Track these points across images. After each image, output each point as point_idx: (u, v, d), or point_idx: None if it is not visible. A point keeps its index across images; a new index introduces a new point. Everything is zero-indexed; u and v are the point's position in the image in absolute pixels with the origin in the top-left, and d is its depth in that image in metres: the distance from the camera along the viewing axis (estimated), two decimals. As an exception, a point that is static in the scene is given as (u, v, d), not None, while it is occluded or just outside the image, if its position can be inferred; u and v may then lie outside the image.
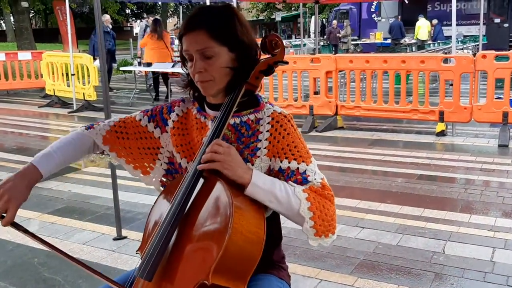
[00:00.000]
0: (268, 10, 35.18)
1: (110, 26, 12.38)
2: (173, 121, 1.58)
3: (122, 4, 23.64)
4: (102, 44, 3.55)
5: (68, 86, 10.47)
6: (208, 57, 1.40)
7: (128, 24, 49.54)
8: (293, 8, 31.29)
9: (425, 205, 4.10)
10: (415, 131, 7.04)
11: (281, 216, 1.53)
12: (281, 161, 1.44)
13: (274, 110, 1.48)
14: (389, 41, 18.98)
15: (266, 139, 1.45)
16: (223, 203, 1.29)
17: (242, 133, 1.46)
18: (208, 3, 7.86)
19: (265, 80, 7.75)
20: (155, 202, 1.57)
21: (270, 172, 1.47)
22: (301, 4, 11.77)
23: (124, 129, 1.62)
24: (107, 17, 12.49)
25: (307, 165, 1.43)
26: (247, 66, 1.44)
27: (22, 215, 4.28)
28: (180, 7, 13.64)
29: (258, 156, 1.45)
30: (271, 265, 1.60)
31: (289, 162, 1.43)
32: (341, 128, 7.33)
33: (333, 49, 18.70)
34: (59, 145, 1.56)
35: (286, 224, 3.79)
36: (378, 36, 20.06)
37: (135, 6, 42.88)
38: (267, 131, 1.45)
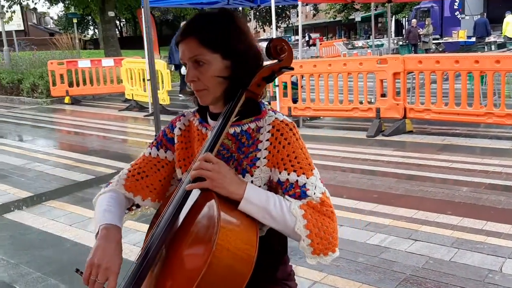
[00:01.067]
0: (345, 11, 34.55)
1: None
2: (177, 136, 1.55)
3: (201, 11, 24.30)
4: (151, 47, 3.66)
5: (145, 91, 10.95)
6: (200, 65, 1.37)
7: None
8: (372, 8, 30.50)
9: (488, 217, 3.78)
10: (492, 136, 6.53)
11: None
12: (280, 173, 1.37)
13: (275, 118, 1.41)
14: (473, 39, 17.85)
15: (265, 149, 1.38)
16: (211, 219, 1.25)
17: (242, 143, 1.41)
18: (273, 4, 7.84)
19: (330, 82, 7.59)
20: (154, 215, 1.57)
21: (270, 182, 1.41)
22: (372, 4, 11.40)
23: (140, 169, 1.57)
24: None
25: (307, 178, 1.36)
26: (244, 74, 1.38)
27: (84, 214, 4.53)
28: (252, 11, 13.81)
29: (258, 167, 1.39)
30: (274, 282, 1.52)
31: (288, 174, 1.36)
32: (410, 132, 6.98)
33: (412, 49, 17.92)
34: (108, 204, 1.49)
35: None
36: (461, 35, 18.90)
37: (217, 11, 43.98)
38: (267, 140, 1.39)
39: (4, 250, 3.86)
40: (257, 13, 41.88)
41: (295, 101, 7.95)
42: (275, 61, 1.43)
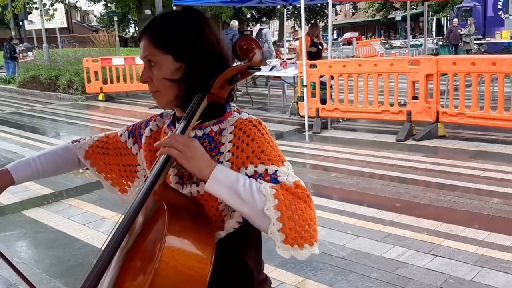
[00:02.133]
0: (385, 10, 33.79)
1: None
2: (145, 136, 1.47)
3: (238, 9, 24.30)
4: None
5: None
6: (152, 66, 1.28)
7: (248, 28, 51.16)
8: (412, 7, 29.69)
9: (518, 233, 3.50)
10: (531, 143, 6.15)
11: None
12: (246, 168, 1.22)
13: (239, 118, 1.29)
14: (517, 39, 17.09)
15: (228, 151, 1.26)
16: (159, 233, 1.14)
17: (205, 147, 1.28)
18: (303, 3, 7.64)
19: (360, 82, 7.33)
20: None
21: None
22: (408, 3, 11.00)
23: (106, 144, 1.56)
24: (236, 23, 13.18)
25: (277, 167, 1.21)
26: (200, 78, 1.26)
27: (99, 213, 4.50)
28: (285, 10, 13.61)
29: None
30: None
31: (256, 166, 1.22)
32: (443, 137, 6.66)
33: (453, 49, 17.32)
34: (41, 155, 1.54)
35: (347, 244, 3.49)
36: (504, 35, 18.07)
37: (255, 11, 44.10)
38: (229, 141, 1.26)
39: (16, 248, 3.86)
40: (295, 12, 41.62)
41: (323, 102, 7.74)
42: (245, 61, 1.31)
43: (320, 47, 9.60)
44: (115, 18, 29.69)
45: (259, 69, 1.31)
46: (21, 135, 8.65)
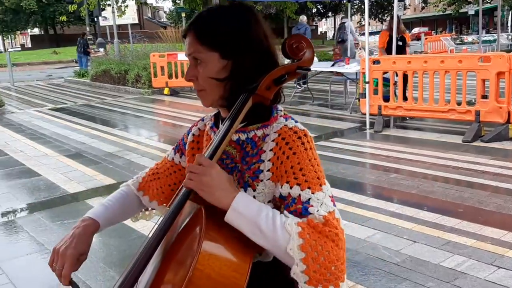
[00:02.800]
0: (456, 4, 32.17)
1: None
2: (189, 142, 1.44)
3: (303, 4, 24.09)
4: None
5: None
6: (198, 64, 1.23)
7: (313, 23, 50.65)
8: (486, 1, 28.05)
9: None
10: None
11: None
12: (281, 186, 1.17)
13: (284, 125, 1.23)
14: None
15: (269, 160, 1.20)
16: (195, 238, 1.12)
17: (247, 152, 1.25)
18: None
19: (425, 79, 7.04)
20: None
21: (275, 200, 1.23)
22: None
23: (156, 170, 1.53)
24: (305, 18, 13.25)
25: (312, 193, 1.14)
26: (246, 77, 1.21)
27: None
28: (349, 4, 13.31)
29: (261, 180, 1.22)
30: None
31: (291, 188, 1.16)
32: (514, 139, 6.26)
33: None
34: (109, 198, 1.50)
35: (403, 250, 3.36)
36: None
37: (320, 5, 43.60)
38: (271, 150, 1.21)
39: (77, 236, 4.04)
40: (361, 6, 40.69)
41: (386, 99, 7.49)
42: (295, 60, 1.25)
43: (399, 43, 9.03)
44: (183, 14, 30.42)
45: (309, 70, 1.25)
46: (91, 126, 9.07)
